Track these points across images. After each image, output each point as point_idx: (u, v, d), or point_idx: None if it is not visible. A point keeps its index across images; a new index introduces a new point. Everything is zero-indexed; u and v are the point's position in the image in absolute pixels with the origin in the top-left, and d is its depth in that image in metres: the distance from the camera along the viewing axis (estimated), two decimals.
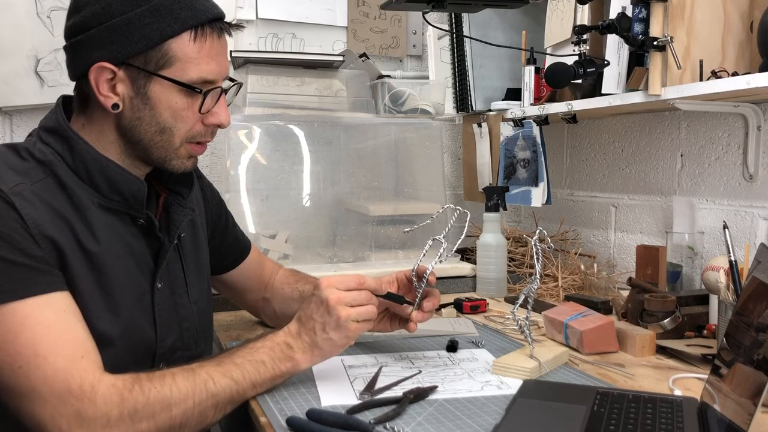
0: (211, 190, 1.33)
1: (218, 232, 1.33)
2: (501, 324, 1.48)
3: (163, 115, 1.02)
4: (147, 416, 0.89)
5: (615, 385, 1.09)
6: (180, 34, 0.99)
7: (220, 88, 1.06)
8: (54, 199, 0.97)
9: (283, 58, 1.85)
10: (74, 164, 1.01)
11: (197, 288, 1.18)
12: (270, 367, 1.00)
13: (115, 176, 1.02)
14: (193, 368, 0.96)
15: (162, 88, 1.01)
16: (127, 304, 1.02)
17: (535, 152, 1.84)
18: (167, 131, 1.03)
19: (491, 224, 1.77)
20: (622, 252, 1.85)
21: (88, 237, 0.98)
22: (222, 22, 1.05)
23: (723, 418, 0.85)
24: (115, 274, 1.01)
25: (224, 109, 1.08)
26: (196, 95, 1.02)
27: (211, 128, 1.08)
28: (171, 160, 1.07)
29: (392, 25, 2.24)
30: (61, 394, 0.87)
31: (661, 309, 1.31)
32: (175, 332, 1.11)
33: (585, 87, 1.61)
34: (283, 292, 1.39)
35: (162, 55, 0.99)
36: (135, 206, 1.05)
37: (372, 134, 2.02)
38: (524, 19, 1.94)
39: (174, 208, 1.13)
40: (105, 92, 1.00)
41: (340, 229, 1.93)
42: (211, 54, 1.03)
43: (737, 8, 1.39)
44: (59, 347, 0.89)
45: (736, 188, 1.52)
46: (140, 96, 1.01)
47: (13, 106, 1.87)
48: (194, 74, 1.01)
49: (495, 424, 0.90)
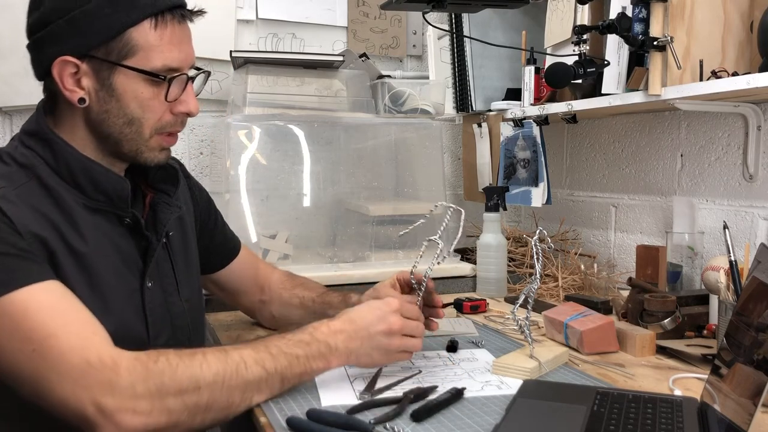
0: (199, 189, 1.33)
1: (207, 231, 1.32)
2: (501, 324, 1.48)
3: (130, 106, 1.01)
4: (175, 391, 0.88)
5: (615, 385, 1.09)
6: (140, 22, 0.99)
7: (185, 76, 1.05)
8: (39, 202, 0.96)
9: (283, 58, 1.85)
10: (57, 166, 1.00)
11: (188, 286, 1.18)
12: (303, 363, 0.99)
13: (98, 176, 1.02)
14: (225, 349, 0.95)
15: (127, 79, 1.00)
16: (117, 303, 1.02)
17: (535, 152, 1.83)
18: (136, 122, 1.03)
19: (491, 224, 1.77)
20: (622, 252, 1.85)
21: (75, 237, 0.98)
22: (183, 9, 1.04)
23: (723, 418, 0.85)
24: (104, 274, 1.01)
25: (192, 97, 1.07)
26: (161, 83, 1.02)
27: (181, 117, 1.07)
28: (143, 153, 1.06)
29: (392, 25, 2.24)
30: (81, 367, 0.86)
31: (661, 309, 1.31)
32: (168, 330, 1.11)
33: (585, 87, 1.60)
34: (281, 297, 1.39)
35: (123, 45, 0.99)
36: (120, 205, 1.05)
37: (372, 134, 2.02)
38: (524, 19, 1.94)
39: (160, 207, 1.13)
40: (70, 87, 1.00)
41: (340, 229, 1.93)
42: (173, 41, 1.02)
43: (737, 8, 1.39)
44: (69, 326, 0.88)
45: (736, 188, 1.52)
46: (105, 88, 1.00)
47: (13, 106, 1.87)
48: (158, 62, 1.00)
49: (495, 424, 0.90)
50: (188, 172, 1.31)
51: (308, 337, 1.01)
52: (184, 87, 1.06)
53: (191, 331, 1.16)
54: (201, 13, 1.08)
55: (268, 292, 1.40)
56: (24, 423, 0.97)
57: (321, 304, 1.34)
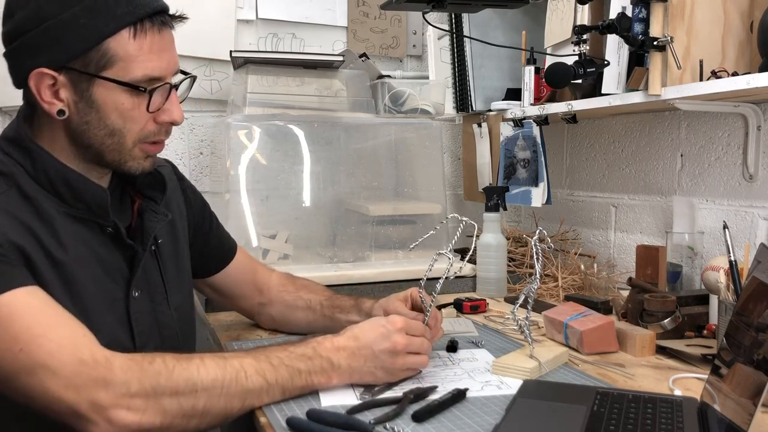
0: (193, 192, 1.30)
1: (201, 235, 1.30)
2: (501, 324, 1.48)
3: (111, 118, 0.98)
4: (171, 392, 0.87)
5: (615, 385, 1.09)
6: (118, 31, 0.95)
7: (168, 85, 1.02)
8: (18, 210, 0.95)
9: (283, 58, 1.85)
10: (36, 174, 0.98)
11: (178, 293, 1.17)
12: (305, 377, 0.99)
13: (77, 185, 1.00)
14: (224, 356, 0.95)
15: (106, 90, 0.97)
16: (97, 312, 1.00)
17: (535, 152, 1.84)
18: (117, 133, 1.00)
19: (491, 224, 1.77)
20: (622, 252, 1.85)
21: (54, 246, 0.96)
22: (163, 15, 1.00)
23: (723, 418, 0.85)
24: (84, 282, 0.99)
25: (176, 105, 1.04)
26: (142, 94, 0.99)
27: (165, 126, 1.05)
28: (126, 162, 1.03)
29: (392, 25, 2.24)
30: (74, 364, 0.85)
31: (661, 309, 1.31)
32: (155, 340, 1.09)
33: (585, 87, 1.60)
34: (283, 299, 1.37)
35: (101, 56, 0.95)
36: (100, 214, 1.02)
37: (372, 134, 2.02)
38: (524, 19, 1.94)
39: (147, 215, 1.11)
40: (48, 99, 0.97)
41: (340, 229, 1.93)
42: (153, 50, 0.98)
43: (737, 8, 1.39)
44: (58, 326, 0.88)
45: (736, 188, 1.52)
46: (85, 100, 0.97)
47: (13, 106, 1.87)
48: (138, 72, 0.97)
49: (495, 424, 0.90)
50: (182, 174, 1.29)
51: (311, 352, 1.00)
52: (168, 96, 1.03)
53: (180, 340, 1.15)
54: (182, 18, 1.04)
55: (267, 294, 1.38)
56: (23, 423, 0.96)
57: (330, 308, 1.33)
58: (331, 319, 1.31)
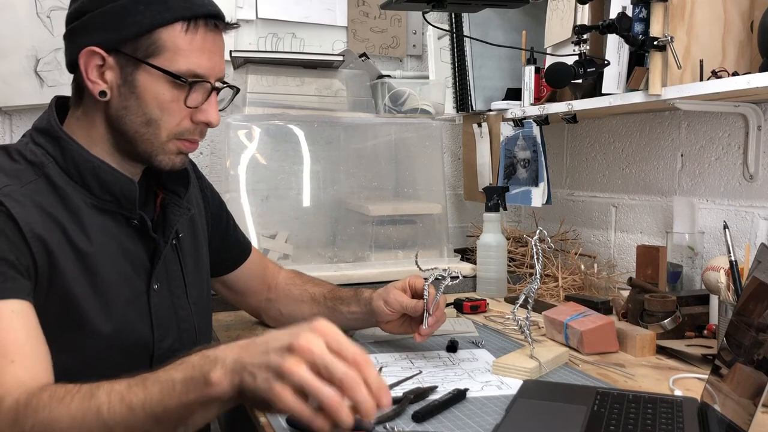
0: (211, 191, 1.32)
1: (218, 233, 1.32)
2: (501, 324, 1.48)
3: (150, 106, 1.01)
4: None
5: (615, 385, 1.09)
6: (172, 23, 0.99)
7: (209, 85, 1.04)
8: (45, 201, 0.96)
9: (283, 58, 1.85)
10: (66, 165, 1.00)
11: (197, 288, 1.18)
12: (179, 391, 0.74)
13: (106, 176, 1.02)
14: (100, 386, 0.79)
15: (149, 77, 1.00)
16: (120, 304, 1.01)
17: (535, 152, 1.83)
18: (153, 123, 1.02)
19: (491, 224, 1.77)
20: (622, 252, 1.85)
21: (80, 237, 0.98)
22: (218, 19, 1.04)
23: (723, 418, 0.85)
24: (109, 275, 1.00)
25: (214, 107, 1.05)
26: (182, 87, 1.01)
27: (200, 126, 1.06)
28: (158, 155, 1.05)
29: (392, 25, 2.24)
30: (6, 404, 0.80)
31: (661, 309, 1.31)
32: (173, 333, 1.10)
33: (585, 87, 1.60)
34: (290, 293, 1.38)
35: (151, 43, 0.99)
36: (127, 207, 1.04)
37: (372, 134, 2.02)
38: (524, 19, 1.94)
39: (170, 208, 1.12)
40: (93, 78, 1.00)
41: (340, 229, 1.93)
42: (203, 48, 1.01)
43: (737, 8, 1.39)
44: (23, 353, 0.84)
45: (737, 188, 1.51)
46: (127, 84, 1.00)
47: (12, 106, 1.87)
48: (183, 65, 1.00)
49: (495, 424, 0.90)
50: (201, 172, 1.30)
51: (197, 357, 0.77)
52: (208, 96, 1.04)
53: (198, 333, 1.15)
54: (235, 25, 1.08)
55: (274, 290, 1.40)
56: None
57: (332, 300, 1.34)
58: (333, 310, 1.32)
